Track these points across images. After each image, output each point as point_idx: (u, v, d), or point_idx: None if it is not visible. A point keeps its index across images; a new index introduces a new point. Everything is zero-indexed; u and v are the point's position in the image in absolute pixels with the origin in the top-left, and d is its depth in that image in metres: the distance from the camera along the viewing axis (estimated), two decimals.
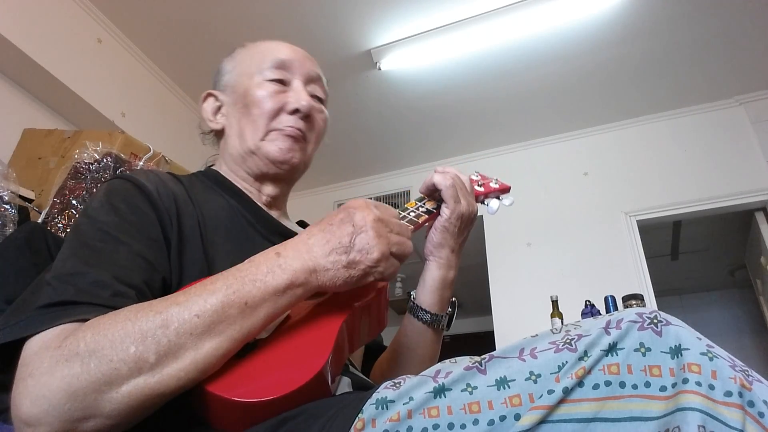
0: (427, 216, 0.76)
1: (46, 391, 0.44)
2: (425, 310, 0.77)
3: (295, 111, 0.78)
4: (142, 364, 0.46)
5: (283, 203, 0.87)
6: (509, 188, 0.90)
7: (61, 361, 0.45)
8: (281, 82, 0.80)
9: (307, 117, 0.80)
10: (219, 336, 0.49)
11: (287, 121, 0.78)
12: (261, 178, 0.81)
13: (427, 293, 0.77)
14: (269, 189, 0.82)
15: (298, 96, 0.79)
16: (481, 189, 0.87)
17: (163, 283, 0.59)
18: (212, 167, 0.86)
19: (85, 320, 0.49)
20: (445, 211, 0.76)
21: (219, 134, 0.85)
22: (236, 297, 0.51)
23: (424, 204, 0.78)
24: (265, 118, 0.78)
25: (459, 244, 0.79)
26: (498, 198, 0.87)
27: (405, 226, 0.64)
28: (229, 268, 0.55)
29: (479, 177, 0.90)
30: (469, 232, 0.80)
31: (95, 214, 0.60)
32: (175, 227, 0.64)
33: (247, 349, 0.54)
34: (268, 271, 0.53)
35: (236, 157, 0.81)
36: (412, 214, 0.75)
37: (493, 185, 0.89)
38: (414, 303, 0.78)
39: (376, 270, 0.57)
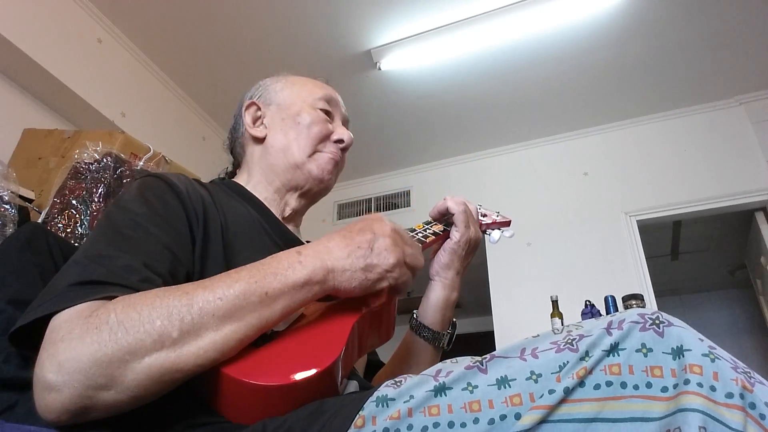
0: (434, 237, 0.80)
1: (75, 353, 0.46)
2: (428, 328, 0.82)
3: (340, 141, 0.88)
4: (165, 339, 0.49)
5: (300, 220, 0.92)
6: (510, 222, 0.96)
7: (92, 329, 0.48)
8: (328, 114, 0.89)
9: (344, 149, 0.90)
10: (238, 321, 0.52)
11: (332, 147, 0.88)
12: (293, 189, 0.87)
13: (430, 312, 0.82)
14: (295, 202, 0.88)
15: (342, 130, 0.90)
16: (484, 219, 0.93)
17: (186, 276, 0.62)
18: (232, 179, 0.90)
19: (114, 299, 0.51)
20: (455, 234, 0.82)
21: (257, 141, 0.89)
22: (257, 286, 0.54)
23: (431, 227, 0.83)
24: (314, 139, 0.86)
25: (464, 267, 0.85)
26: (499, 229, 0.94)
27: (416, 243, 0.68)
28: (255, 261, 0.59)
29: (482, 210, 0.96)
30: (472, 258, 0.86)
31: (127, 204, 0.63)
32: (201, 227, 0.67)
33: (264, 340, 0.56)
34: (288, 266, 0.57)
35: (276, 167, 0.86)
36: (420, 234, 0.79)
37: (495, 218, 0.95)
38: (417, 321, 0.83)
39: (391, 275, 0.61)
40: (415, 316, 0.84)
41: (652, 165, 3.26)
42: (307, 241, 0.93)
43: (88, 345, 0.47)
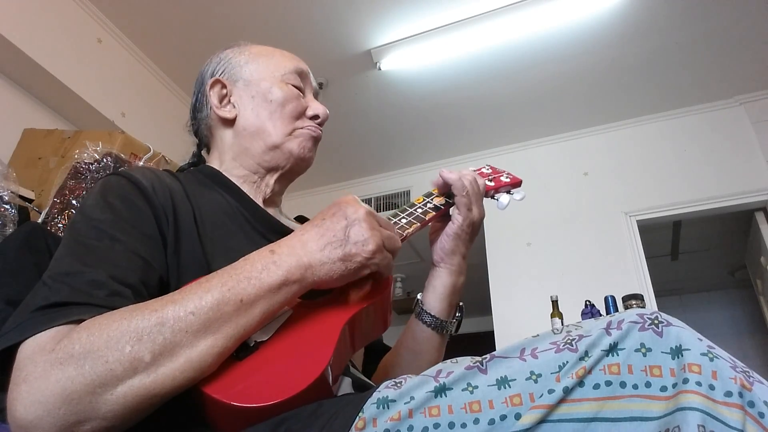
0: (434, 213, 0.75)
1: (40, 396, 0.44)
2: (434, 317, 0.77)
3: (316, 117, 0.84)
4: (137, 364, 0.46)
5: (280, 200, 0.88)
6: (520, 182, 0.88)
7: (56, 365, 0.45)
8: (299, 89, 0.84)
9: (320, 124, 0.85)
10: (215, 334, 0.50)
11: (310, 123, 0.83)
12: (273, 170, 0.82)
13: (437, 300, 0.78)
14: (275, 183, 0.83)
15: (317, 105, 0.84)
16: (492, 184, 0.84)
17: (160, 281, 0.59)
18: (205, 164, 0.85)
19: (81, 321, 0.49)
20: (457, 218, 0.77)
21: (226, 124, 0.82)
22: (231, 294, 0.51)
23: (432, 200, 0.77)
24: (290, 117, 0.81)
25: (468, 250, 0.80)
26: (509, 192, 0.85)
27: (390, 224, 0.65)
28: (227, 266, 0.56)
29: (490, 170, 0.88)
30: (475, 237, 0.81)
31: (90, 211, 0.60)
32: (171, 223, 0.63)
33: (248, 351, 0.53)
34: (262, 268, 0.54)
35: (252, 150, 0.80)
36: (419, 210, 0.74)
37: (504, 179, 0.86)
38: (422, 308, 0.79)
39: (372, 262, 0.58)
40: (420, 303, 0.79)
41: (652, 165, 3.25)
42: (296, 218, 0.90)
43: (54, 384, 0.44)
